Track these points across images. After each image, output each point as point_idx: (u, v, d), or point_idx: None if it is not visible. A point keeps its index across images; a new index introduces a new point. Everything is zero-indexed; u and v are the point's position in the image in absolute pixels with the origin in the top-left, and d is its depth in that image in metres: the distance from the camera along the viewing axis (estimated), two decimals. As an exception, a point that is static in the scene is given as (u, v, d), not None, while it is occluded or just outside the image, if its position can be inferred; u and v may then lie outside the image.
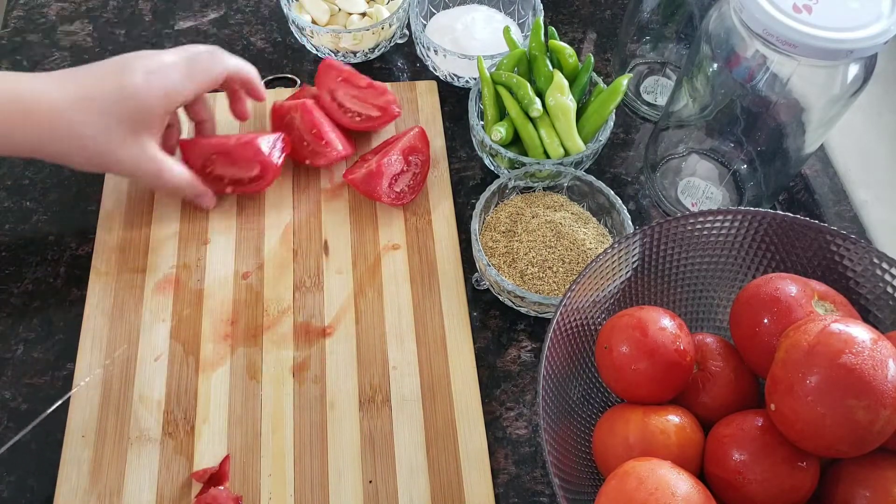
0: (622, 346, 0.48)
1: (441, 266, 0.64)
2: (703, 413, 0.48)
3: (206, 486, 0.53)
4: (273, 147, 0.65)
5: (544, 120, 0.65)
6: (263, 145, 0.65)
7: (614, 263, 0.52)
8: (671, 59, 0.77)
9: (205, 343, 0.59)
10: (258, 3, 0.82)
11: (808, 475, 0.43)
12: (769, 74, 0.55)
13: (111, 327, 0.59)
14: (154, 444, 0.55)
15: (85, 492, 0.53)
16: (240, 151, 0.65)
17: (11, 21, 0.79)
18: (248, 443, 0.55)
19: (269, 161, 0.65)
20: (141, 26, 0.80)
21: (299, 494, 0.53)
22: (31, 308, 0.61)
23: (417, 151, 0.68)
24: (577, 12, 0.84)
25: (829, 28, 0.49)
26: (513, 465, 0.56)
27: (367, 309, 0.62)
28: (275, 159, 0.65)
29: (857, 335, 0.40)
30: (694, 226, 0.52)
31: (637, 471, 0.41)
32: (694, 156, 0.71)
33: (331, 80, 0.70)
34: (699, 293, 0.56)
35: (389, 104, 0.69)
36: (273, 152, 0.65)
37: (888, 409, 0.38)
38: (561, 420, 0.49)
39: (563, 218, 0.63)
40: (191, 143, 0.65)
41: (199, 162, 0.65)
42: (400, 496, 0.54)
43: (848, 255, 0.50)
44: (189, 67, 0.59)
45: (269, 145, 0.65)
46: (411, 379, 0.59)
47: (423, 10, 0.76)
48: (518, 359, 0.61)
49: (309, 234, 0.65)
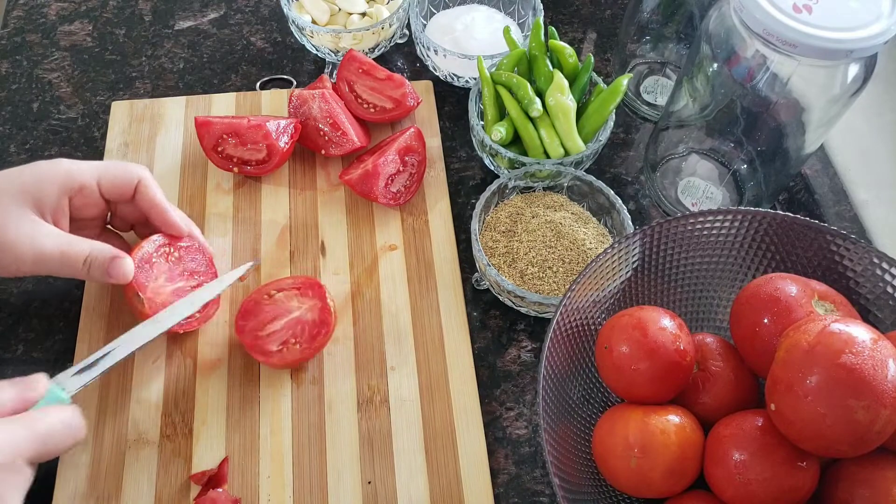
0: (622, 346, 0.47)
1: (438, 266, 0.64)
2: (703, 413, 0.48)
3: (205, 489, 0.53)
4: (282, 132, 0.66)
5: (544, 120, 0.65)
6: (272, 128, 0.65)
7: (614, 263, 0.52)
8: (671, 59, 0.76)
9: (202, 345, 0.59)
10: (258, 3, 0.82)
11: (808, 475, 0.43)
12: (769, 74, 0.55)
13: (108, 329, 0.59)
14: (152, 446, 0.55)
15: (83, 496, 0.53)
16: (250, 133, 0.65)
17: (11, 21, 0.79)
18: (246, 444, 0.55)
19: (275, 145, 0.65)
20: (141, 26, 0.80)
21: (298, 495, 0.53)
22: (31, 308, 0.61)
23: (413, 151, 0.68)
24: (577, 12, 0.84)
25: (829, 28, 0.49)
26: (513, 465, 0.56)
27: (365, 310, 0.62)
28: (281, 143, 0.66)
29: (857, 335, 0.40)
30: (694, 226, 0.52)
31: None
32: (694, 156, 0.71)
33: (352, 71, 0.71)
34: (699, 293, 0.56)
35: (405, 97, 0.69)
36: (281, 137, 0.66)
37: (888, 409, 0.38)
38: (561, 420, 0.49)
39: (563, 218, 0.63)
40: (205, 122, 0.66)
41: (211, 142, 0.66)
42: (399, 497, 0.53)
43: (848, 255, 0.50)
44: (104, 163, 0.57)
45: (279, 129, 0.66)
46: (409, 379, 0.58)
47: (423, 10, 0.76)
48: (518, 359, 0.61)
49: (305, 235, 0.65)
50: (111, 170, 0.57)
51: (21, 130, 0.71)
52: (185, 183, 0.68)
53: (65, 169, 0.54)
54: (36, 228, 0.53)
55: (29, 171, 0.54)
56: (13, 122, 0.72)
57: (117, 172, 0.57)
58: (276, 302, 0.58)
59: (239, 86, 0.76)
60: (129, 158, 0.69)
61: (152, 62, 0.77)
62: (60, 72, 0.76)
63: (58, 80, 0.75)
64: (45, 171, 0.54)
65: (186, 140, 0.70)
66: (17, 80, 0.75)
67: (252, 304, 0.58)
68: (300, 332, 0.57)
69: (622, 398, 0.51)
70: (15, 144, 0.70)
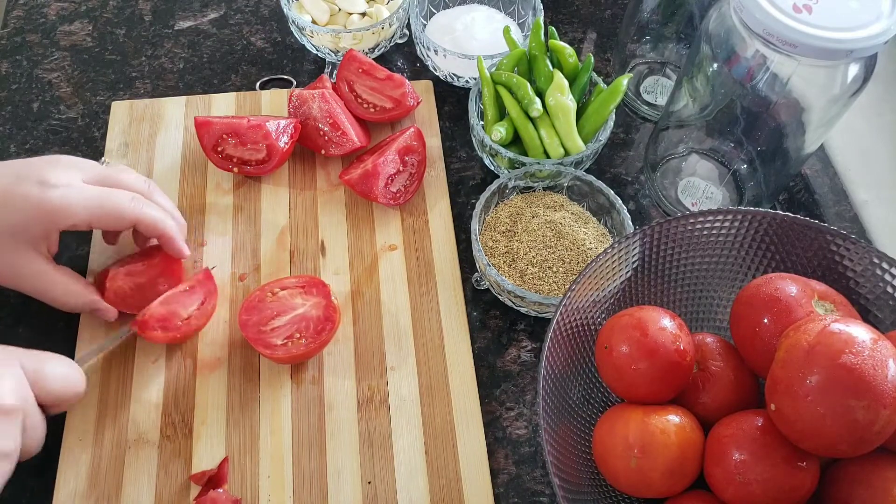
0: (622, 346, 0.47)
1: (438, 266, 0.64)
2: (703, 413, 0.48)
3: (205, 489, 0.53)
4: (282, 132, 0.66)
5: (544, 120, 0.65)
6: (272, 128, 0.65)
7: (614, 263, 0.52)
8: (671, 59, 0.76)
9: (202, 345, 0.59)
10: (258, 3, 0.82)
11: (808, 475, 0.43)
12: (769, 74, 0.55)
13: (108, 330, 0.59)
14: (152, 446, 0.55)
15: (83, 495, 0.53)
16: (250, 133, 0.65)
17: (11, 21, 0.79)
18: (246, 445, 0.55)
19: (275, 145, 0.65)
20: (141, 26, 0.80)
21: (298, 496, 0.53)
22: (31, 308, 0.61)
23: (413, 151, 0.68)
24: (577, 12, 0.84)
25: (829, 28, 0.49)
26: (513, 465, 0.56)
27: (365, 310, 0.62)
28: (281, 143, 0.66)
29: (857, 335, 0.39)
30: (694, 226, 0.52)
31: None
32: (694, 156, 0.71)
33: (351, 71, 0.71)
34: (699, 293, 0.56)
35: (405, 96, 0.69)
36: (281, 137, 0.66)
37: (888, 409, 0.38)
38: (561, 420, 0.49)
39: (563, 218, 0.63)
40: (205, 122, 0.66)
41: (211, 142, 0.65)
42: (399, 497, 0.53)
43: (848, 255, 0.50)
44: (97, 199, 0.53)
45: (278, 129, 0.66)
46: (409, 379, 0.58)
47: (423, 9, 0.76)
48: (518, 359, 0.61)
49: (305, 235, 0.65)
50: (104, 217, 0.53)
51: (21, 130, 0.71)
52: (185, 183, 0.68)
53: (52, 210, 0.51)
54: (23, 264, 0.52)
55: (14, 204, 0.50)
56: (13, 122, 0.72)
57: (109, 220, 0.54)
58: (281, 299, 0.58)
59: (239, 86, 0.76)
60: (130, 158, 0.69)
61: (152, 62, 0.77)
62: (60, 72, 0.76)
63: (58, 80, 0.75)
64: (27, 209, 0.50)
65: (186, 140, 0.70)
66: (17, 80, 0.75)
67: (256, 300, 0.58)
68: (305, 327, 0.57)
69: (622, 398, 0.51)
70: (15, 144, 0.70)
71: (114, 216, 0.53)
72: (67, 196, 0.51)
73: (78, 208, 0.52)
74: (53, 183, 0.51)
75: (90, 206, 0.52)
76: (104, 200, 0.53)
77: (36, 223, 0.51)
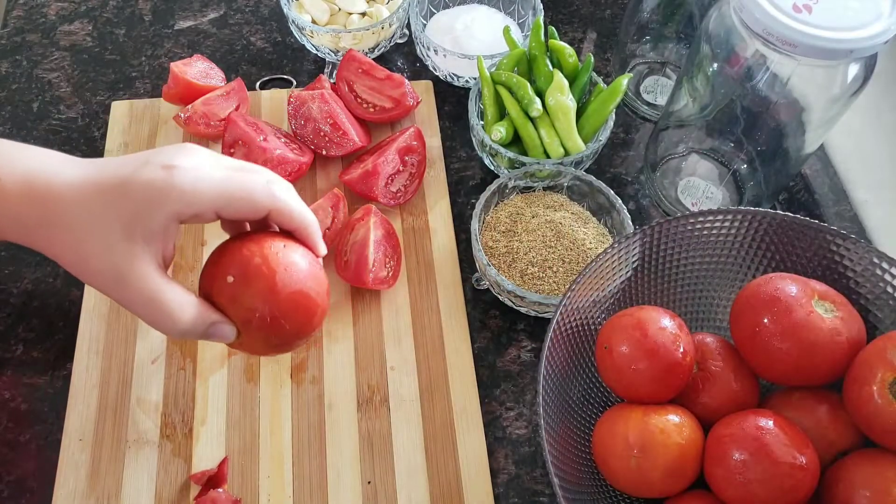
0: (622, 346, 0.47)
1: (438, 266, 0.64)
2: (703, 413, 0.48)
3: (205, 489, 0.53)
4: (287, 172, 0.65)
5: (544, 120, 0.65)
6: (278, 155, 0.65)
7: (614, 263, 0.52)
8: (671, 59, 0.76)
9: (202, 345, 0.59)
10: (258, 3, 0.82)
11: (808, 475, 0.43)
12: (769, 74, 0.55)
13: (108, 329, 0.59)
14: (152, 446, 0.55)
15: (83, 495, 0.53)
16: (258, 154, 0.65)
17: (11, 21, 0.79)
18: (246, 444, 0.55)
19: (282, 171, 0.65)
20: (141, 26, 0.80)
21: (298, 495, 0.53)
22: (31, 308, 0.61)
23: (413, 151, 0.68)
24: (577, 12, 0.84)
25: (829, 28, 0.49)
26: (513, 465, 0.56)
27: (365, 309, 0.62)
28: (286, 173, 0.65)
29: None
30: (694, 226, 0.52)
31: None
32: (694, 156, 0.71)
33: (351, 71, 0.71)
34: (699, 293, 0.56)
35: (404, 96, 0.69)
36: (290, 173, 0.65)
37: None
38: (561, 420, 0.49)
39: (563, 218, 0.63)
40: (231, 121, 0.65)
41: (228, 141, 0.65)
42: (399, 497, 0.53)
43: (848, 255, 0.50)
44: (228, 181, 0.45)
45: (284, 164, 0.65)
46: (409, 379, 0.58)
47: (423, 9, 0.76)
48: (518, 359, 0.61)
49: (308, 234, 0.65)
50: (234, 203, 0.45)
51: (21, 130, 0.71)
52: (185, 183, 0.67)
53: (177, 195, 0.43)
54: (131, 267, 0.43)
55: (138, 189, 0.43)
56: (13, 122, 0.72)
57: (241, 206, 0.45)
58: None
59: (239, 86, 0.76)
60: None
61: (152, 62, 0.77)
62: (60, 72, 0.76)
63: (58, 80, 0.75)
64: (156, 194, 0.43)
65: (186, 140, 0.70)
66: (17, 80, 0.75)
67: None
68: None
69: (622, 398, 0.51)
70: (15, 144, 0.70)
71: (247, 202, 0.45)
72: (195, 178, 0.44)
73: (206, 192, 0.44)
74: (181, 165, 0.43)
75: (220, 188, 0.44)
76: (236, 183, 0.45)
77: (157, 211, 0.43)
